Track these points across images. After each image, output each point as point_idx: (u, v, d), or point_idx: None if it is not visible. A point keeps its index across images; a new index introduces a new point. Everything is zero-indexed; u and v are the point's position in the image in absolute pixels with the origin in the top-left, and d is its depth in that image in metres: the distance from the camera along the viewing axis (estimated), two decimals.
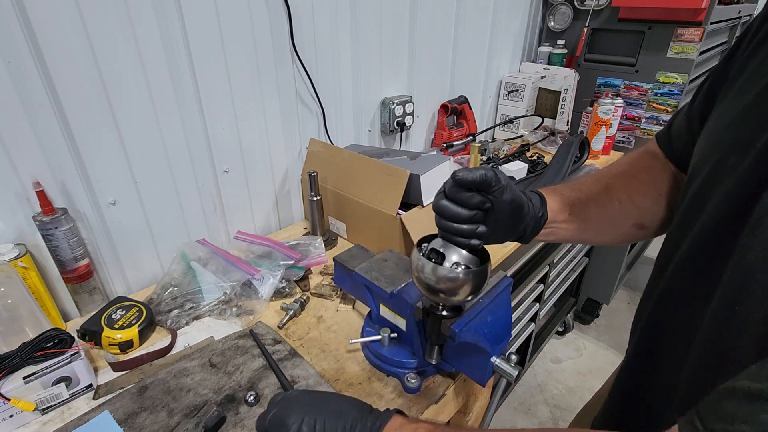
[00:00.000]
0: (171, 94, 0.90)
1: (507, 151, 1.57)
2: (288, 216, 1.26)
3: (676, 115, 0.62)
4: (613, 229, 0.62)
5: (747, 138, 0.41)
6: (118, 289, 0.96)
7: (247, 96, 1.03)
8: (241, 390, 0.68)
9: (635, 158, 0.64)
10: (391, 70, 1.37)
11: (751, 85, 0.44)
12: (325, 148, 1.12)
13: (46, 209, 0.78)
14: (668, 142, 0.62)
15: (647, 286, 0.56)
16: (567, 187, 0.61)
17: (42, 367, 0.64)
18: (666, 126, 0.64)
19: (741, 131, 0.43)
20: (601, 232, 0.63)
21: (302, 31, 1.08)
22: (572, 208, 0.59)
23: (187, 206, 1.01)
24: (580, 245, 1.75)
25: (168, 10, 0.84)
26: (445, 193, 0.49)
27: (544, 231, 0.58)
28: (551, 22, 1.85)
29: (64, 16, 0.73)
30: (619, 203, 0.60)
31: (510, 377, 0.58)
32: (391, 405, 0.67)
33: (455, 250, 0.52)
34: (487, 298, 0.63)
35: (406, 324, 0.68)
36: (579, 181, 0.63)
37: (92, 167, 0.84)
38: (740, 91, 0.46)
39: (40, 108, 0.75)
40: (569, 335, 2.19)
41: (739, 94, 0.46)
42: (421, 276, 0.53)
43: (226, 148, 1.04)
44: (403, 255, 0.78)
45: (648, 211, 0.61)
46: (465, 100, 1.63)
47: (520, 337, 1.53)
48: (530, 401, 1.86)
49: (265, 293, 0.88)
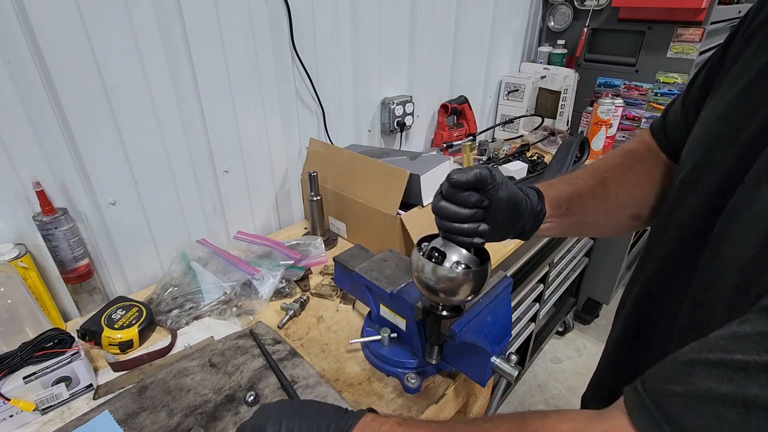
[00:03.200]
0: (171, 94, 0.90)
1: (507, 151, 1.57)
2: (288, 216, 1.26)
3: (672, 104, 0.62)
4: (610, 221, 0.62)
5: (732, 130, 0.42)
6: (118, 289, 0.96)
7: (247, 96, 1.03)
8: (241, 390, 0.68)
9: (629, 150, 0.65)
10: (391, 70, 1.37)
11: (743, 74, 0.44)
12: (325, 148, 1.12)
13: (46, 209, 0.78)
14: (663, 132, 0.62)
15: (634, 270, 0.59)
16: (563, 182, 0.61)
17: (42, 367, 0.64)
18: (661, 116, 0.63)
19: (727, 123, 0.44)
20: (598, 225, 0.63)
21: (302, 31, 1.08)
22: (570, 203, 0.59)
23: (187, 206, 1.01)
24: (580, 245, 1.75)
25: (168, 9, 0.84)
26: (443, 195, 0.49)
27: (543, 226, 0.57)
28: (551, 22, 1.85)
29: (64, 16, 0.73)
30: (616, 195, 0.60)
31: (510, 377, 0.58)
32: (391, 405, 0.67)
33: (455, 250, 0.52)
34: (487, 298, 0.63)
35: (406, 324, 0.68)
36: (575, 175, 0.63)
37: (92, 167, 0.84)
38: (733, 81, 0.46)
39: (40, 108, 0.75)
40: (569, 335, 2.19)
41: (732, 83, 0.46)
42: (421, 276, 0.53)
43: (226, 148, 1.04)
44: (403, 255, 0.78)
45: (643, 202, 0.61)
46: (465, 100, 1.63)
47: (520, 337, 1.53)
48: (530, 401, 1.86)
49: (265, 293, 0.88)
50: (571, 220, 0.59)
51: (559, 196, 0.58)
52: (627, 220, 0.62)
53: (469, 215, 0.49)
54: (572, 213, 0.59)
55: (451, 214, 0.49)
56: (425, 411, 0.66)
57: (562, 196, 0.59)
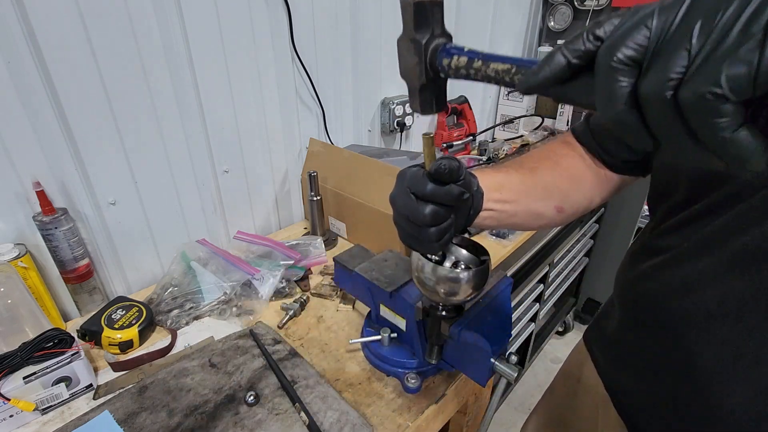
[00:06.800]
0: (171, 94, 0.90)
1: (507, 151, 1.57)
2: (288, 216, 1.26)
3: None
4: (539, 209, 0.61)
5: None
6: (118, 289, 0.96)
7: (247, 96, 1.03)
8: (241, 390, 0.68)
9: (554, 147, 0.65)
10: (391, 70, 1.37)
11: None
12: (325, 148, 1.12)
13: (46, 209, 0.78)
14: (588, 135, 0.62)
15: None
16: (493, 170, 0.60)
17: (42, 367, 0.64)
18: (583, 120, 0.64)
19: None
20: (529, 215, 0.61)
21: (302, 31, 1.08)
22: (502, 188, 0.57)
23: (187, 206, 1.01)
24: (580, 245, 1.75)
25: (168, 9, 0.84)
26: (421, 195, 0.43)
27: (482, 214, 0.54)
28: (551, 22, 1.85)
29: (64, 16, 0.73)
30: (543, 184, 0.61)
31: (510, 377, 0.58)
32: (391, 405, 0.67)
33: (455, 250, 0.52)
34: (487, 298, 0.63)
35: (406, 324, 0.68)
36: (503, 165, 0.62)
37: (92, 167, 0.84)
38: None
39: (40, 108, 0.75)
40: (569, 335, 2.19)
41: None
42: (421, 276, 0.53)
43: (226, 148, 1.04)
44: (403, 255, 0.78)
45: (567, 194, 0.61)
46: (465, 100, 1.63)
47: (520, 337, 1.53)
48: (530, 401, 1.86)
49: (265, 293, 0.88)
50: (507, 207, 0.57)
51: (491, 181, 0.56)
52: (552, 211, 0.61)
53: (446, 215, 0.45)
54: (505, 199, 0.57)
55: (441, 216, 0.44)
56: (425, 411, 0.66)
57: (496, 180, 0.57)
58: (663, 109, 0.23)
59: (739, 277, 0.42)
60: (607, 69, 0.25)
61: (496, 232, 1.14)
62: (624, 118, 0.25)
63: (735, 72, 0.21)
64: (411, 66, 0.41)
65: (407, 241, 0.47)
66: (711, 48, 0.22)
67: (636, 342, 0.57)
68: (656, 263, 0.52)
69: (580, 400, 0.71)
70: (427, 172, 0.43)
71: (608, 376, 0.64)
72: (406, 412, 0.66)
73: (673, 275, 0.49)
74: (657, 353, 0.53)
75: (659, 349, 0.53)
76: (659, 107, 0.24)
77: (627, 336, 0.60)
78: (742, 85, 0.21)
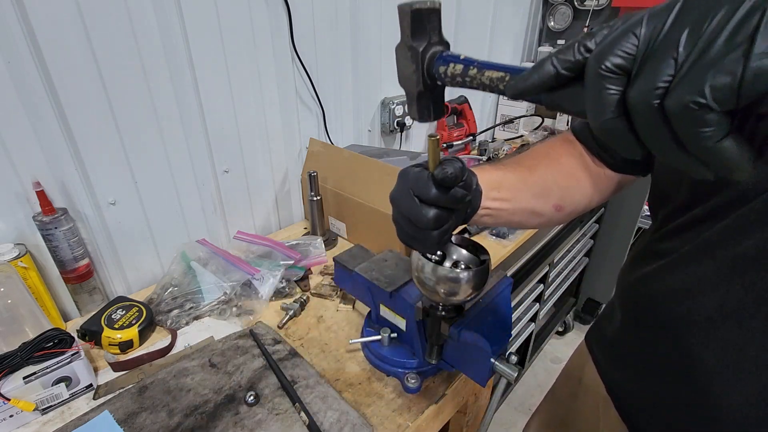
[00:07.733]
0: (171, 94, 0.90)
1: (507, 151, 1.57)
2: (288, 216, 1.26)
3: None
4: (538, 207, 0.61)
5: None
6: (118, 289, 0.96)
7: (247, 96, 1.03)
8: (241, 390, 0.68)
9: (553, 145, 0.65)
10: (391, 69, 1.36)
11: None
12: (325, 148, 1.12)
13: (46, 209, 0.78)
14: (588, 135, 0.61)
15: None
16: (491, 167, 0.59)
17: (42, 367, 0.64)
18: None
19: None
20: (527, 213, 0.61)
21: (302, 31, 1.08)
22: (500, 186, 0.56)
23: (187, 206, 1.01)
24: (580, 245, 1.75)
25: (168, 9, 0.84)
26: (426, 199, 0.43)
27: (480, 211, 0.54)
28: (551, 22, 1.85)
29: (64, 15, 0.73)
30: (543, 181, 0.60)
31: (510, 377, 0.58)
32: (391, 405, 0.67)
33: (455, 250, 0.52)
34: (487, 298, 0.63)
35: (406, 324, 0.68)
36: (502, 161, 0.62)
37: (92, 167, 0.84)
38: None
39: (40, 108, 0.75)
40: (569, 335, 2.19)
41: None
42: (421, 276, 0.53)
43: (226, 148, 1.04)
44: (403, 255, 0.78)
45: (566, 192, 0.61)
46: (465, 100, 1.63)
47: (520, 337, 1.53)
48: (530, 401, 1.86)
49: (265, 293, 0.88)
50: (505, 206, 0.57)
51: (491, 178, 0.56)
52: (551, 210, 0.61)
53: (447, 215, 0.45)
54: (504, 196, 0.56)
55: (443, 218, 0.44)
56: (425, 411, 0.66)
57: (494, 178, 0.57)
58: (650, 118, 0.24)
59: (740, 281, 0.42)
60: (595, 77, 0.25)
61: (496, 232, 1.14)
62: (612, 126, 0.26)
63: (719, 82, 0.21)
64: (408, 73, 0.41)
65: (406, 240, 0.47)
66: (696, 57, 0.22)
67: (637, 343, 0.57)
68: (657, 267, 0.52)
69: (581, 401, 0.71)
70: (432, 176, 0.42)
71: (609, 376, 0.64)
72: (406, 412, 0.66)
73: (674, 279, 0.49)
74: (658, 354, 0.53)
75: (660, 351, 0.52)
76: (647, 115, 0.24)
77: (628, 337, 0.60)
78: (726, 95, 0.21)
